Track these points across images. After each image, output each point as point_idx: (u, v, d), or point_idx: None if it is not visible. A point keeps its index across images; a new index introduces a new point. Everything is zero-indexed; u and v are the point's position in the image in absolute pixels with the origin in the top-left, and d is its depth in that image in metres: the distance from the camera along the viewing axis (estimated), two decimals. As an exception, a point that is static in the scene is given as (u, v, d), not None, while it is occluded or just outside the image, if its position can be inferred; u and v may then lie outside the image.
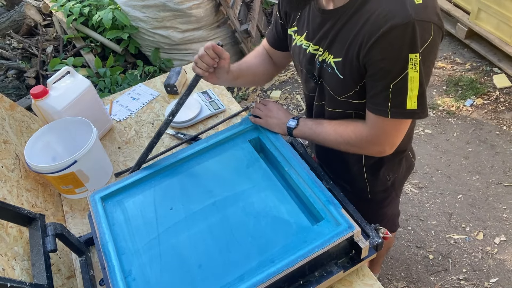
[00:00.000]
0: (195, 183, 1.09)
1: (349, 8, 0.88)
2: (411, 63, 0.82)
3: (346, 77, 0.94)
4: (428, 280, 1.92)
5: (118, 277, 0.89)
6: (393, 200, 1.32)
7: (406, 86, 0.85)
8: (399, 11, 0.80)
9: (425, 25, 0.80)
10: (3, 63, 2.96)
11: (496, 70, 2.83)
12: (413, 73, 0.83)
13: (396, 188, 1.26)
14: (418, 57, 0.82)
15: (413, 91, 0.85)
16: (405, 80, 0.84)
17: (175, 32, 2.94)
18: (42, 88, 1.33)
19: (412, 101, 0.87)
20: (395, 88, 0.86)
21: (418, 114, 0.88)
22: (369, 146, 0.99)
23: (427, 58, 0.84)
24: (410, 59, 0.82)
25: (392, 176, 1.20)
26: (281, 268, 0.85)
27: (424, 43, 0.81)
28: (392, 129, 0.94)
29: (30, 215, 1.03)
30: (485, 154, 2.38)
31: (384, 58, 0.84)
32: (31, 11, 3.19)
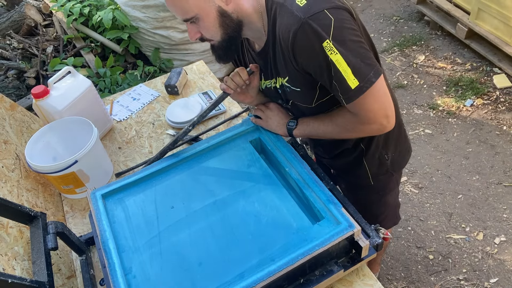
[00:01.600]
0: (196, 183, 1.09)
1: (269, 41, 0.99)
2: (327, 51, 0.87)
3: (302, 88, 1.02)
4: (428, 280, 1.92)
5: (119, 274, 0.90)
6: (394, 185, 1.33)
7: (339, 71, 0.88)
8: (291, 19, 0.89)
9: (318, 16, 0.86)
10: (3, 63, 2.96)
11: (496, 70, 2.84)
12: (334, 57, 0.87)
13: (395, 169, 1.27)
14: (330, 42, 0.86)
15: (346, 71, 0.88)
16: (334, 67, 0.88)
17: (175, 32, 2.95)
18: (43, 88, 1.34)
19: (351, 79, 0.89)
20: (334, 78, 0.90)
21: (363, 86, 0.90)
22: (366, 127, 0.99)
23: (344, 36, 0.87)
24: (325, 48, 0.87)
25: (390, 155, 1.21)
26: (281, 266, 0.85)
27: (329, 28, 0.86)
28: (366, 104, 0.93)
29: (31, 213, 1.03)
30: (485, 154, 2.39)
31: (308, 61, 0.92)
32: (31, 11, 3.19)
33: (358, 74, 0.88)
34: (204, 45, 3.05)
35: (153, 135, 1.55)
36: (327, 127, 1.06)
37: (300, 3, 0.88)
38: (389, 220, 1.45)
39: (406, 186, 2.31)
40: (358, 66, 0.88)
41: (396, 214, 1.46)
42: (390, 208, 1.40)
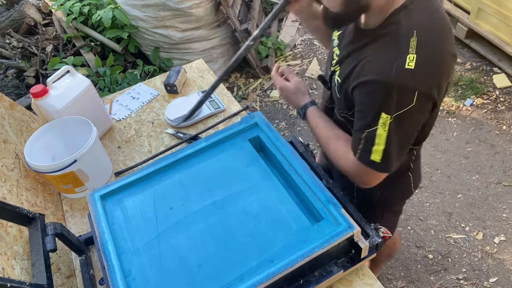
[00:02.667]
0: (195, 183, 1.09)
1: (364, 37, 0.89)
2: (381, 121, 0.84)
3: (341, 98, 0.99)
4: (427, 280, 1.92)
5: (118, 276, 0.89)
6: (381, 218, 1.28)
7: (374, 140, 0.88)
8: (383, 68, 0.80)
9: (406, 91, 0.80)
10: (3, 62, 2.95)
11: (496, 69, 2.83)
12: (381, 131, 0.85)
13: (384, 207, 1.25)
14: (389, 118, 0.83)
15: (378, 146, 0.88)
16: (374, 133, 0.87)
17: (175, 31, 2.94)
18: (42, 87, 1.33)
19: (377, 154, 0.89)
20: (366, 135, 0.89)
21: (379, 167, 0.91)
22: (350, 175, 1.01)
23: (404, 123, 0.84)
24: (381, 117, 0.84)
25: (379, 194, 1.17)
26: (281, 268, 0.85)
27: (402, 107, 0.81)
28: (367, 172, 0.95)
29: (30, 215, 1.03)
30: (485, 154, 2.38)
31: (361, 104, 0.89)
32: (31, 10, 3.18)
33: (385, 158, 0.89)
34: (204, 44, 3.05)
35: (152, 134, 1.55)
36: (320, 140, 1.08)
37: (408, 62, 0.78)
38: None
39: (406, 186, 2.31)
40: (390, 152, 0.88)
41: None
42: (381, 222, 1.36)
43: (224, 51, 3.17)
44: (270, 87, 3.20)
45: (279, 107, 3.03)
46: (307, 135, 2.76)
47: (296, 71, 3.30)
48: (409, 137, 0.90)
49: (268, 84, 3.23)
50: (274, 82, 1.22)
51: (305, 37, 3.62)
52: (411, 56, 0.78)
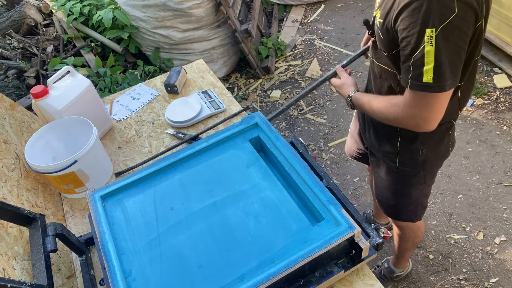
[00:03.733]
0: (195, 183, 1.09)
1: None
2: (427, 37, 0.85)
3: (384, 38, 1.00)
4: (428, 280, 1.92)
5: (119, 277, 0.89)
6: (420, 183, 1.32)
7: (423, 60, 0.87)
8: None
9: (444, 1, 0.82)
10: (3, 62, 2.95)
11: (496, 70, 2.83)
12: (428, 47, 0.85)
13: (426, 169, 1.26)
14: (434, 32, 0.84)
15: (428, 65, 0.87)
16: (422, 53, 0.87)
17: (175, 31, 2.94)
18: (42, 87, 1.33)
19: (428, 74, 0.88)
20: (414, 60, 0.89)
21: (433, 87, 0.90)
22: (404, 120, 1.01)
23: (451, 34, 0.85)
24: (426, 33, 0.84)
25: (425, 152, 1.21)
26: (282, 268, 0.85)
27: (445, 19, 0.83)
28: (422, 103, 0.94)
29: (30, 215, 1.03)
30: (485, 154, 2.38)
31: (404, 29, 0.89)
32: (31, 11, 3.18)
33: (437, 75, 0.88)
34: (205, 44, 3.05)
35: (152, 134, 1.55)
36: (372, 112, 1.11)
37: None
38: (405, 214, 1.44)
39: (406, 186, 2.30)
40: (442, 68, 0.87)
41: (417, 213, 1.43)
42: (410, 201, 1.38)
43: (224, 51, 3.17)
44: (270, 87, 3.21)
45: (279, 107, 3.03)
46: (307, 136, 2.77)
47: (296, 71, 3.30)
48: (458, 52, 0.89)
49: (268, 84, 3.24)
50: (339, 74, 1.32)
51: (305, 38, 3.62)
52: None
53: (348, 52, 3.35)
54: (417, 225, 1.53)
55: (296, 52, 3.49)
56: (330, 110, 2.90)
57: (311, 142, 2.73)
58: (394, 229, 1.62)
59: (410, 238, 1.61)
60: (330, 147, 2.66)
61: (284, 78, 3.27)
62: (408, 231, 1.57)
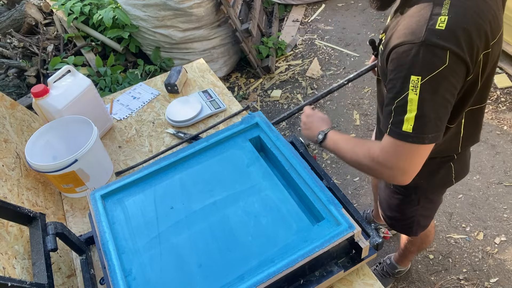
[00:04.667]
0: (196, 182, 1.09)
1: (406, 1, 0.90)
2: (411, 85, 0.81)
3: (382, 66, 0.95)
4: (428, 280, 1.92)
5: (119, 276, 0.89)
6: (413, 204, 1.27)
7: (406, 107, 0.83)
8: (415, 30, 0.80)
9: (436, 50, 0.78)
10: (4, 62, 2.96)
11: (497, 70, 2.83)
12: (412, 95, 0.82)
13: (418, 194, 1.23)
14: (420, 80, 0.80)
15: (410, 113, 0.83)
16: (405, 100, 0.83)
17: (176, 31, 2.94)
18: (42, 87, 1.33)
19: (408, 123, 0.84)
20: (397, 105, 0.85)
21: (412, 138, 0.85)
22: (379, 168, 0.93)
23: (438, 86, 0.81)
24: (412, 81, 0.81)
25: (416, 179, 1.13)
26: (282, 268, 0.85)
27: (434, 69, 0.79)
28: (399, 152, 0.88)
29: (31, 214, 1.03)
30: (486, 154, 2.38)
31: (392, 70, 0.85)
32: (32, 10, 3.18)
33: (418, 126, 0.83)
34: (205, 44, 3.05)
35: (153, 134, 1.55)
36: (346, 153, 1.02)
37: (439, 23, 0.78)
38: (400, 227, 1.41)
39: (407, 186, 2.30)
40: (424, 120, 0.83)
41: (412, 229, 1.37)
42: (404, 218, 1.34)
43: (224, 50, 3.17)
44: (270, 87, 3.20)
45: (279, 107, 3.03)
46: (308, 135, 2.76)
47: (297, 71, 3.29)
48: (445, 106, 0.84)
49: (269, 84, 3.23)
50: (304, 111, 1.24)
51: (305, 37, 3.62)
52: (442, 17, 0.78)
53: (348, 52, 3.34)
54: (426, 233, 1.52)
55: (297, 52, 3.49)
56: (330, 110, 2.90)
57: (311, 142, 2.73)
58: None
59: (417, 243, 1.61)
60: (331, 147, 2.65)
61: (285, 77, 3.27)
62: (417, 238, 1.55)
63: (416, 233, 1.39)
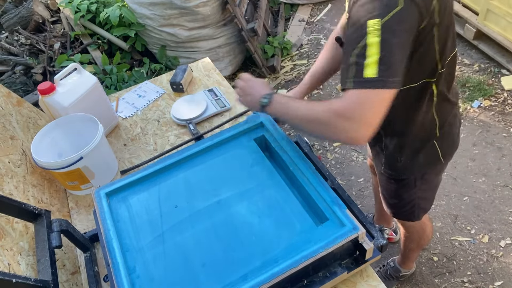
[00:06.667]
0: (200, 181, 1.09)
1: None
2: (370, 29, 0.80)
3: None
4: (432, 282, 1.91)
5: (122, 274, 0.90)
6: (410, 187, 1.27)
7: (365, 53, 0.81)
8: None
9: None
10: (11, 59, 2.97)
11: (504, 71, 2.81)
12: (371, 39, 0.80)
13: (410, 175, 1.23)
14: (379, 23, 0.79)
15: (372, 58, 0.80)
16: (364, 46, 0.81)
17: (182, 30, 2.94)
18: (49, 84, 1.34)
19: (371, 68, 0.80)
20: (357, 55, 0.83)
21: (376, 83, 0.81)
22: (340, 122, 0.86)
23: (396, 27, 0.80)
24: (368, 26, 0.80)
25: (403, 160, 1.17)
26: (285, 268, 0.85)
27: (390, 10, 0.79)
28: (365, 100, 0.83)
29: (36, 211, 1.03)
30: (492, 157, 2.36)
31: (350, 27, 0.85)
32: (39, 8, 3.20)
33: (381, 69, 0.80)
34: (211, 43, 3.05)
35: (158, 132, 1.55)
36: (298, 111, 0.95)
37: None
38: (402, 214, 1.43)
39: (411, 187, 2.29)
40: (387, 62, 0.80)
41: (414, 213, 1.39)
42: (404, 203, 1.36)
43: (230, 50, 3.17)
44: (275, 87, 3.20)
45: (284, 107, 3.02)
46: (313, 135, 2.76)
47: (302, 71, 3.29)
48: (403, 47, 0.82)
49: (274, 83, 3.23)
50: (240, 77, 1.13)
51: (311, 37, 3.61)
52: None
53: (354, 52, 3.33)
54: (422, 226, 1.53)
55: (302, 52, 3.49)
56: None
57: (316, 142, 2.72)
58: (401, 228, 1.63)
59: (415, 239, 1.61)
60: (335, 147, 2.65)
61: (290, 77, 3.26)
62: (412, 231, 1.56)
63: (419, 216, 1.41)
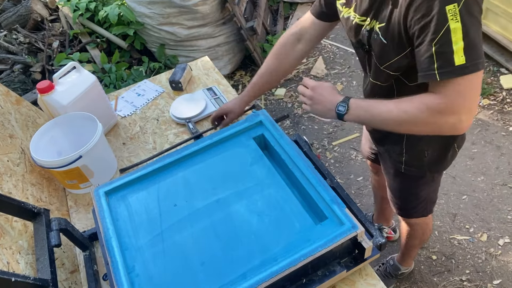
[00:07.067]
0: (199, 180, 1.09)
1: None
2: (450, 14, 0.77)
3: (389, 41, 0.92)
4: (431, 281, 1.91)
5: (122, 273, 0.90)
6: (428, 183, 1.29)
7: (450, 40, 0.79)
8: None
9: None
10: (10, 57, 2.97)
11: (503, 70, 2.81)
12: (454, 24, 0.77)
13: (432, 170, 1.24)
14: (457, 6, 0.77)
15: (458, 44, 0.78)
16: (447, 34, 0.78)
17: (181, 28, 2.94)
18: (48, 83, 1.34)
19: (459, 55, 0.78)
20: (438, 46, 0.80)
21: (469, 68, 0.79)
22: (441, 118, 0.85)
23: (471, 7, 0.78)
24: (448, 11, 0.77)
25: (430, 153, 1.17)
26: (284, 267, 0.85)
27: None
28: (464, 89, 0.82)
29: (35, 210, 1.03)
30: (491, 155, 2.37)
31: (421, 16, 0.81)
32: (38, 6, 3.19)
33: (470, 53, 0.78)
34: (210, 41, 3.04)
35: (157, 131, 1.55)
36: (390, 114, 0.91)
37: None
38: (415, 213, 1.44)
39: (410, 186, 2.30)
40: (472, 45, 0.78)
41: (427, 209, 1.42)
42: (419, 201, 1.37)
43: (229, 48, 3.17)
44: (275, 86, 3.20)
45: (284, 106, 3.02)
46: (312, 134, 2.76)
47: (301, 69, 3.29)
48: (480, 27, 0.80)
49: (273, 82, 3.23)
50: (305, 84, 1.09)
51: (311, 36, 3.61)
52: None
53: (353, 51, 3.33)
54: (425, 221, 1.53)
55: (302, 50, 3.48)
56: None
57: (315, 141, 2.72)
58: (403, 226, 1.61)
59: (418, 235, 1.61)
60: (334, 146, 2.65)
61: (289, 76, 3.26)
62: (417, 228, 1.56)
63: (431, 210, 1.43)
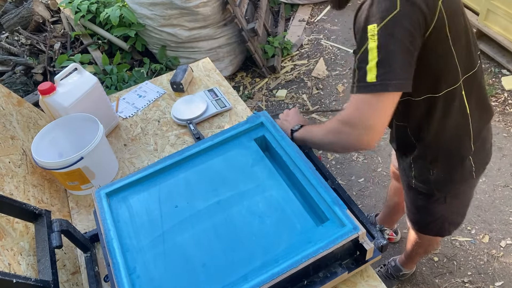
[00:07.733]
0: (200, 181, 1.09)
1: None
2: (369, 34, 0.84)
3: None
4: (432, 282, 1.91)
5: (123, 274, 0.90)
6: (440, 202, 1.24)
7: (367, 57, 0.84)
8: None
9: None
10: (11, 59, 2.98)
11: (504, 71, 2.81)
12: (371, 44, 0.83)
13: (440, 190, 1.20)
14: (376, 27, 0.83)
15: (372, 62, 0.84)
16: (366, 51, 0.84)
17: (182, 30, 2.95)
18: (49, 84, 1.34)
19: (372, 73, 0.84)
20: (359, 62, 0.87)
21: (376, 86, 0.84)
22: (346, 130, 0.92)
23: (393, 30, 0.82)
24: (369, 30, 0.84)
25: (436, 172, 1.14)
26: (285, 268, 0.85)
27: (387, 15, 0.82)
28: (365, 105, 0.87)
29: (36, 211, 1.03)
30: (492, 157, 2.35)
31: (356, 31, 0.91)
32: (39, 8, 3.20)
33: (381, 73, 0.83)
34: (211, 43, 3.05)
35: (158, 132, 1.55)
36: (318, 134, 1.05)
37: None
38: (431, 230, 1.38)
39: (412, 187, 2.29)
40: (386, 65, 0.83)
41: (444, 228, 1.36)
42: (433, 218, 1.32)
43: (230, 50, 3.17)
44: (276, 87, 3.20)
45: (285, 107, 3.02)
46: (313, 135, 2.76)
47: (302, 71, 3.29)
48: (404, 50, 0.84)
49: (274, 83, 3.23)
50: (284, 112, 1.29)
51: (312, 37, 3.61)
52: None
53: (354, 52, 3.33)
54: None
55: (302, 52, 3.49)
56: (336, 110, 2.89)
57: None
58: (411, 233, 1.58)
59: (424, 245, 1.59)
60: (335, 147, 2.65)
61: (290, 77, 3.26)
62: (425, 239, 1.53)
63: (450, 231, 1.39)
